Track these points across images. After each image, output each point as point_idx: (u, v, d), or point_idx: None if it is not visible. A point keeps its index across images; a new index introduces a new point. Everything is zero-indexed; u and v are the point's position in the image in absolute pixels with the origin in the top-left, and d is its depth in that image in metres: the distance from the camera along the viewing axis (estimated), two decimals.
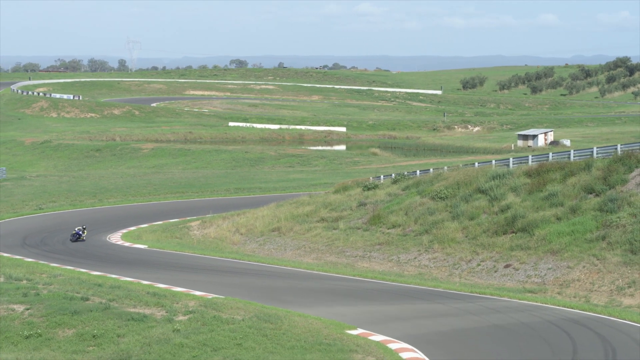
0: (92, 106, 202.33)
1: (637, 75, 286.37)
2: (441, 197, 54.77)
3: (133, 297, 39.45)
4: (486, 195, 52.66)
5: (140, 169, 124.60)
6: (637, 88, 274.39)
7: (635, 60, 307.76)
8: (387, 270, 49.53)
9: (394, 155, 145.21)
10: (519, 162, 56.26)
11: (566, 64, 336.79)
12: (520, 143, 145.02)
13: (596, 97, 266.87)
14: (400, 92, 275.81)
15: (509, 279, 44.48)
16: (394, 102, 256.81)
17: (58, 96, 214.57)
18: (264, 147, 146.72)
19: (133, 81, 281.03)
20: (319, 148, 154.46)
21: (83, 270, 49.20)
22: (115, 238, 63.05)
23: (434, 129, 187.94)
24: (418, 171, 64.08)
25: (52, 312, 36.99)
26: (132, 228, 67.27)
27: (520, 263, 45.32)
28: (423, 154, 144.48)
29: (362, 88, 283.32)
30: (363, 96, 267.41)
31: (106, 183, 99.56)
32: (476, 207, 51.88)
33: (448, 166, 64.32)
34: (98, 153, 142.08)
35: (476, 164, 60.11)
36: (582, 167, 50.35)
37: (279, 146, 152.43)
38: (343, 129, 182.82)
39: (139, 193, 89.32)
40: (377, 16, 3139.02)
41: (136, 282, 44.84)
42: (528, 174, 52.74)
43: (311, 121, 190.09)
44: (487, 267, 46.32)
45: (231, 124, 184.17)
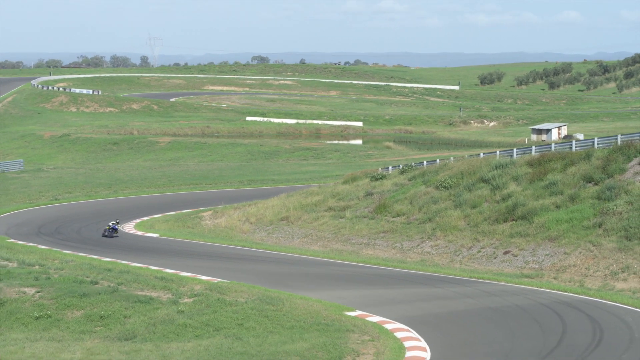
0: (111, 101, 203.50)
1: None
2: (445, 187, 55.68)
3: (141, 281, 40.68)
4: (489, 184, 53.52)
5: (156, 162, 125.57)
6: None
7: None
8: (391, 257, 50.55)
9: (408, 148, 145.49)
10: (523, 153, 57.03)
11: (584, 60, 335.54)
12: (534, 137, 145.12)
13: (614, 93, 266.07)
14: (418, 88, 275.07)
15: (508, 265, 45.42)
16: (412, 98, 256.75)
17: (78, 91, 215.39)
18: (280, 141, 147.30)
19: (153, 77, 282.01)
20: (335, 142, 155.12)
21: (95, 256, 50.49)
22: (128, 227, 64.18)
23: (450, 124, 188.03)
24: (425, 162, 65.03)
25: (62, 295, 38.30)
26: (146, 218, 68.43)
27: (519, 249, 46.23)
28: (437, 148, 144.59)
29: (380, 83, 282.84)
30: (381, 91, 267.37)
31: (122, 175, 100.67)
32: (478, 196, 52.80)
33: (454, 157, 65.21)
34: (115, 146, 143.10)
35: (481, 154, 60.98)
36: (583, 157, 51.09)
37: (295, 140, 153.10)
38: (360, 124, 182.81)
39: (154, 185, 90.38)
40: (399, 13, 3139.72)
41: (145, 267, 46.08)
42: (530, 164, 53.54)
43: (328, 116, 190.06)
44: (487, 254, 47.27)
45: (248, 119, 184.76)
